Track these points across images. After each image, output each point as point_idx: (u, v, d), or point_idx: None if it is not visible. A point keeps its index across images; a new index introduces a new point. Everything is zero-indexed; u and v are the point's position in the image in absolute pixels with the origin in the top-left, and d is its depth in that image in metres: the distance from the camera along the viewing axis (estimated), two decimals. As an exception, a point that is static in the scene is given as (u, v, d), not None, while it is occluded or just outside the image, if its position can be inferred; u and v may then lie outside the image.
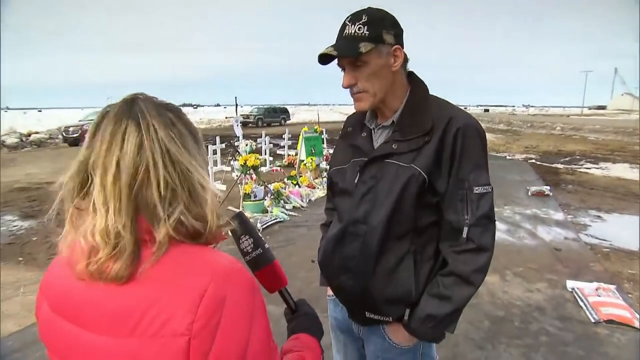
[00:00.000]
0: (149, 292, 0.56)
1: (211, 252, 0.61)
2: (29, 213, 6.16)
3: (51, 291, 0.65)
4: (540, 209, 6.40)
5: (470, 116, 1.09)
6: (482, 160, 1.08)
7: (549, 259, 4.35)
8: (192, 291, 0.54)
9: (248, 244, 0.78)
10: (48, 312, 0.64)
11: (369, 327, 1.21)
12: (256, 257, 0.78)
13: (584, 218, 5.97)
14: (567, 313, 3.19)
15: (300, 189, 7.18)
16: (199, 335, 0.53)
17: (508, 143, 17.54)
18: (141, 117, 0.60)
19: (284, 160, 10.48)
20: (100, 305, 0.58)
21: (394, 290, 1.10)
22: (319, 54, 1.06)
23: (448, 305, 1.06)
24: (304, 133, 8.94)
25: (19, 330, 2.92)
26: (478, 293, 3.39)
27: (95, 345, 0.58)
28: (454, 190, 1.06)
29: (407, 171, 1.06)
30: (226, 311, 0.55)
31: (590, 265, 4.18)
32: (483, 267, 1.06)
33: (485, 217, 1.06)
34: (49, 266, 0.69)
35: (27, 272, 4.01)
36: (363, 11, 1.05)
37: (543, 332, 2.92)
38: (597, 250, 4.65)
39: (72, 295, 0.61)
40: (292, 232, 5.29)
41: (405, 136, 1.08)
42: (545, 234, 5.17)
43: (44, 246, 4.73)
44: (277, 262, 0.81)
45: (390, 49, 1.06)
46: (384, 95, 1.10)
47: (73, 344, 0.60)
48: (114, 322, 0.56)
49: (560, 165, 11.17)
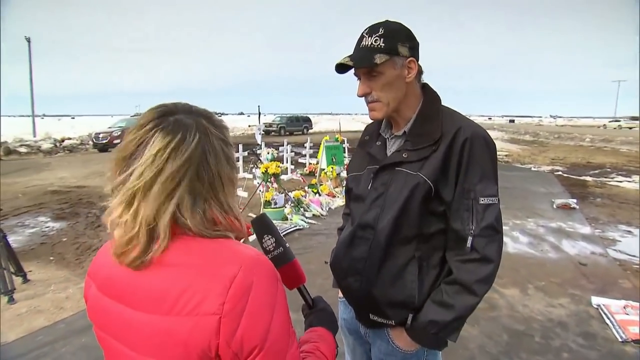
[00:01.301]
0: (184, 276, 0.63)
1: (238, 245, 0.68)
2: (60, 215, 6.44)
3: (98, 274, 0.74)
4: (566, 222, 6.21)
5: (479, 127, 1.11)
6: (490, 171, 1.09)
7: (573, 273, 4.22)
8: (223, 277, 0.61)
9: (270, 242, 0.85)
10: (96, 292, 0.72)
11: (374, 330, 1.24)
12: (277, 255, 0.84)
13: (613, 233, 5.76)
14: (592, 330, 3.09)
15: (320, 197, 7.22)
16: (228, 315, 0.60)
17: (533, 154, 17.09)
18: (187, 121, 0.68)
19: (305, 168, 10.58)
20: (140, 286, 0.65)
21: (397, 294, 1.13)
22: (336, 63, 1.11)
23: (450, 313, 1.07)
24: (325, 142, 9.02)
25: (48, 326, 3.07)
26: (496, 305, 3.35)
27: (136, 320, 0.65)
28: (460, 199, 1.08)
29: (413, 179, 1.09)
30: (252, 296, 0.61)
31: (619, 281, 4.03)
32: (487, 277, 1.07)
33: (490, 227, 1.07)
34: (98, 251, 0.78)
35: (57, 270, 4.20)
36: (380, 24, 1.10)
37: (565, 348, 2.83)
38: (627, 266, 4.47)
39: (116, 278, 0.69)
40: (311, 239, 5.33)
41: (415, 145, 1.12)
42: (570, 248, 5.02)
43: (73, 247, 4.94)
44: (296, 260, 0.87)
45: (404, 61, 1.10)
46: (397, 105, 1.14)
47: (117, 320, 0.68)
48: (153, 301, 0.64)
49: (588, 178, 10.80)
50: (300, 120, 30.68)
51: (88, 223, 6.01)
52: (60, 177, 10.07)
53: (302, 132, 28.95)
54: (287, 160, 10.24)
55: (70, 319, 3.17)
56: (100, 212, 6.64)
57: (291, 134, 26.89)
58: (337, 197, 7.49)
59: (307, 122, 30.73)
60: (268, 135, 23.74)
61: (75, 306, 3.38)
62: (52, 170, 11.60)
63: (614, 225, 6.15)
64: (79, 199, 7.59)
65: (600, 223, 6.24)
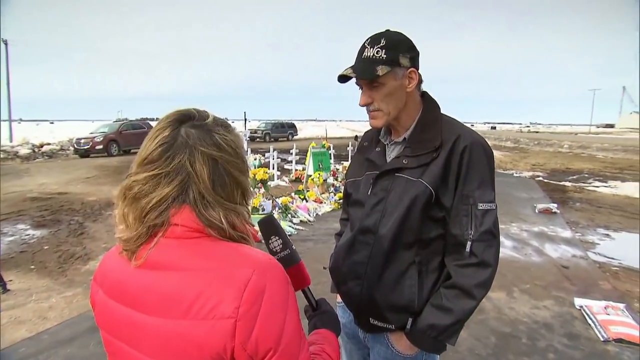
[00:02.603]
0: (199, 280, 0.63)
1: (250, 249, 0.69)
2: (41, 222, 6.26)
3: (106, 279, 0.73)
4: (548, 226, 6.37)
5: (478, 134, 1.15)
6: (488, 177, 1.12)
7: (556, 276, 4.33)
8: (237, 281, 0.62)
9: (277, 244, 0.85)
10: (104, 297, 0.72)
11: (373, 334, 1.25)
12: (284, 257, 0.84)
13: (593, 236, 5.94)
14: (576, 331, 3.17)
15: (307, 203, 7.23)
16: (243, 318, 0.61)
17: (515, 160, 17.51)
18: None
19: (292, 174, 10.57)
20: (153, 290, 0.65)
21: (397, 298, 1.15)
22: (339, 74, 1.13)
23: (449, 317, 1.09)
24: (311, 148, 9.04)
25: (30, 337, 2.97)
26: (484, 309, 3.41)
27: (149, 325, 0.65)
28: (459, 205, 1.10)
29: (415, 185, 1.11)
30: (266, 299, 0.62)
31: (599, 283, 4.15)
32: (485, 281, 1.09)
33: (489, 232, 1.09)
34: (102, 257, 0.77)
35: (38, 279, 4.08)
36: (382, 35, 1.12)
37: (551, 349, 2.90)
38: (606, 268, 4.62)
39: (127, 282, 0.69)
40: (299, 246, 5.32)
41: (415, 152, 1.14)
42: (552, 251, 5.15)
43: (55, 255, 4.81)
44: (302, 262, 0.87)
45: (405, 72, 1.12)
46: (397, 114, 1.17)
47: (128, 325, 0.68)
48: (167, 305, 0.64)
49: (568, 183, 11.12)
50: (285, 126, 30.63)
51: (70, 230, 5.86)
52: (40, 184, 9.79)
53: (287, 138, 28.90)
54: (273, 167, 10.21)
55: (54, 330, 3.08)
56: (84, 218, 6.50)
57: (276, 140, 26.84)
58: (324, 203, 7.51)
59: (292, 129, 30.69)
60: (253, 141, 23.62)
61: (59, 316, 3.29)
62: (32, 176, 11.26)
63: (593, 228, 6.34)
64: (61, 205, 7.40)
65: (580, 227, 6.43)
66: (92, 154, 16.87)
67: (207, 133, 0.69)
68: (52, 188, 9.21)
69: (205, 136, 0.69)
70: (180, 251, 0.66)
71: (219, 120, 0.74)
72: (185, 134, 0.68)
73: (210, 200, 0.67)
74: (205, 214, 0.66)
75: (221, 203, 0.68)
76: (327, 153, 9.66)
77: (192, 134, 0.68)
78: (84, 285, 3.93)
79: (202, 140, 0.68)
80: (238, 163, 0.72)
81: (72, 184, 9.87)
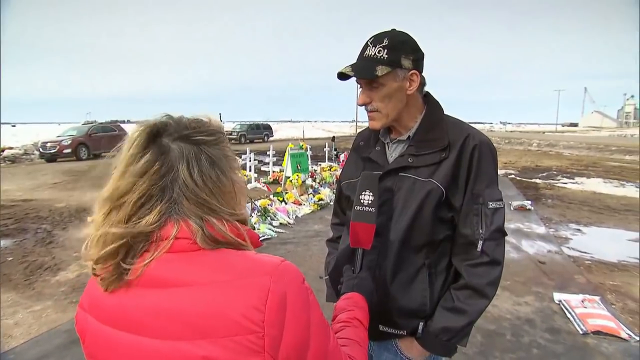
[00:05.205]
0: (212, 294, 0.58)
1: (256, 254, 0.64)
2: (4, 232, 5.89)
3: (97, 305, 0.65)
4: (523, 222, 6.55)
5: (484, 134, 1.13)
6: (495, 176, 1.12)
7: (534, 272, 4.44)
8: (256, 291, 0.58)
9: (368, 198, 1.00)
10: (96, 325, 0.64)
11: (379, 343, 1.20)
12: (367, 212, 1.00)
13: (565, 231, 6.13)
14: (557, 325, 3.25)
15: (286, 205, 7.14)
16: (271, 330, 0.57)
17: (488, 159, 17.94)
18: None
19: (269, 176, 10.46)
20: (160, 311, 0.59)
21: (409, 303, 1.11)
22: (338, 72, 1.09)
23: (463, 319, 1.07)
24: (289, 150, 8.96)
25: (-5, 356, 2.77)
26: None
27: (160, 351, 0.58)
28: (469, 204, 1.08)
29: (425, 185, 1.08)
30: (289, 305, 0.59)
31: (575, 277, 4.28)
32: (496, 279, 1.09)
33: (499, 231, 1.09)
34: (87, 284, 0.69)
35: (3, 294, 3.82)
36: (386, 34, 1.08)
37: (534, 344, 2.95)
38: (580, 262, 4.77)
39: (125, 305, 0.61)
40: (280, 249, 5.24)
41: (421, 151, 1.11)
42: (529, 248, 5.28)
43: (21, 266, 4.53)
44: (374, 226, 1.00)
45: (407, 74, 1.08)
46: (396, 116, 1.13)
47: (133, 353, 0.60)
48: (179, 326, 0.57)
49: (538, 180, 11.50)
50: (260, 127, 30.40)
51: (38, 240, 5.54)
52: (3, 190, 9.25)
53: (263, 139, 28.69)
54: (250, 169, 10.06)
55: (20, 349, 2.88)
56: (52, 226, 6.17)
57: (252, 142, 26.57)
58: (303, 205, 7.45)
59: (268, 130, 30.48)
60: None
61: (26, 333, 3.08)
62: (-7, 183, 10.67)
63: (565, 224, 6.56)
64: (26, 213, 7.01)
65: (553, 223, 6.64)
66: (60, 158, 16.14)
67: (192, 144, 0.64)
68: (16, 195, 8.72)
69: (190, 148, 0.64)
70: (183, 265, 0.60)
71: (194, 121, 0.68)
72: (170, 150, 0.63)
73: (206, 210, 0.63)
74: (202, 224, 0.61)
75: (216, 210, 0.64)
76: (305, 154, 9.60)
77: (178, 148, 0.63)
78: (54, 297, 3.71)
79: (189, 152, 0.63)
80: (227, 164, 0.68)
81: (38, 190, 9.40)
